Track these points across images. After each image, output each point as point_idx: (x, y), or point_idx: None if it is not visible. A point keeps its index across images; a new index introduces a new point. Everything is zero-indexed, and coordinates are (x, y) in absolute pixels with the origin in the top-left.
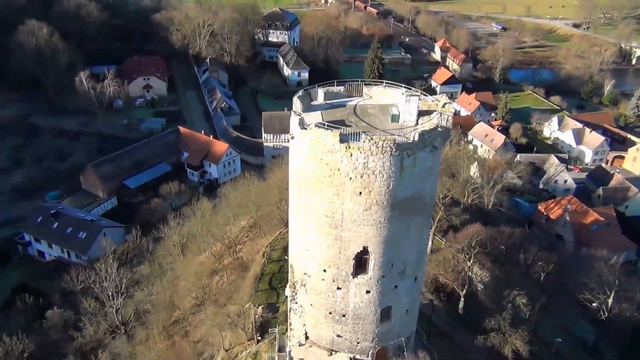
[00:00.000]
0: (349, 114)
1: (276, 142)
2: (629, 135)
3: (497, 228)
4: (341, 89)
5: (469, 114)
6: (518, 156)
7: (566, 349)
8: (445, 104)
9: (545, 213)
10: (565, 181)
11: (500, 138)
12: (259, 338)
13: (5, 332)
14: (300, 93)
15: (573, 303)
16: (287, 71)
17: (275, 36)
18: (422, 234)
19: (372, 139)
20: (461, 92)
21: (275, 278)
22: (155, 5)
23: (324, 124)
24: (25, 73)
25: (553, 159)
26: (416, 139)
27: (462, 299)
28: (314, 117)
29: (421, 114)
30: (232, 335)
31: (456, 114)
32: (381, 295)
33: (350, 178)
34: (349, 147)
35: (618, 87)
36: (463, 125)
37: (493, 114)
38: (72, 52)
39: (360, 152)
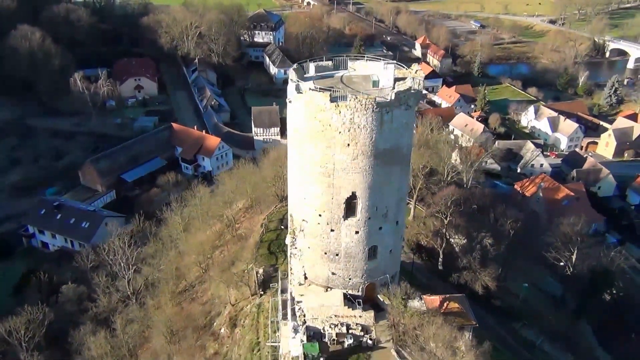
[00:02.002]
0: (336, 82)
1: (266, 135)
2: (601, 123)
3: (470, 190)
4: (329, 63)
5: (449, 105)
6: (496, 143)
7: (534, 301)
8: (416, 70)
9: (520, 191)
10: (541, 165)
11: (479, 127)
12: (262, 293)
13: (27, 303)
14: (295, 66)
15: (541, 262)
16: (273, 70)
17: (260, 37)
18: (401, 182)
19: (356, 98)
20: (442, 86)
21: (273, 244)
22: (142, 10)
23: (317, 88)
24: (18, 76)
25: (529, 144)
26: (393, 98)
27: (441, 257)
28: (308, 85)
29: (397, 80)
30: (237, 293)
31: (437, 106)
32: (368, 235)
33: (340, 132)
34: (338, 105)
35: (592, 79)
36: (444, 116)
37: (472, 106)
38: (64, 55)
39: (347, 110)
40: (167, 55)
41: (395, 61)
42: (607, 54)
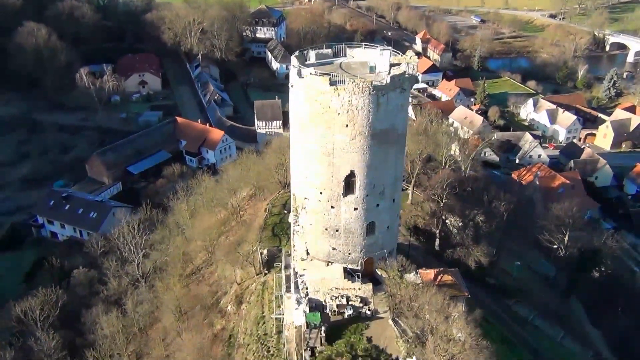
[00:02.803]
0: (335, 68)
1: (268, 128)
2: (599, 115)
3: (465, 174)
4: (329, 50)
5: (449, 99)
6: (495, 134)
7: (528, 281)
8: (411, 56)
9: (517, 179)
10: (539, 156)
11: (478, 119)
12: (266, 272)
13: (41, 286)
14: (296, 53)
15: (535, 245)
16: (275, 65)
17: (262, 32)
18: (397, 162)
19: (354, 81)
20: (442, 80)
21: (277, 227)
22: (145, 6)
23: (317, 73)
24: (25, 72)
25: (527, 136)
26: (388, 81)
27: (437, 238)
28: (309, 70)
29: (393, 65)
30: (243, 273)
31: (437, 99)
32: (366, 212)
33: (339, 114)
34: (337, 89)
35: (592, 72)
36: (444, 109)
37: (472, 99)
38: (70, 51)
39: (346, 93)
40: (170, 52)
41: (390, 47)
42: (607, 48)
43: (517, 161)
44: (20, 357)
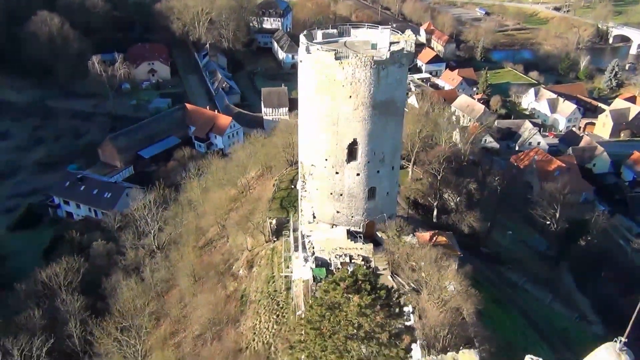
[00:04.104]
0: (340, 46)
1: (275, 115)
2: (599, 104)
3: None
4: (335, 31)
5: (452, 88)
6: (496, 122)
7: (520, 253)
8: (409, 35)
9: (516, 163)
10: (539, 143)
11: (480, 107)
12: (275, 239)
13: (64, 255)
14: (305, 32)
15: (528, 222)
16: (281, 55)
17: (269, 23)
18: (396, 132)
19: (357, 56)
20: (445, 70)
21: (284, 200)
22: None
23: (324, 48)
24: (38, 61)
25: (527, 123)
26: (388, 56)
27: (435, 209)
28: (316, 46)
29: (392, 43)
30: (253, 241)
31: (440, 88)
32: (367, 177)
33: (343, 85)
34: (342, 62)
35: (595, 64)
36: (446, 98)
37: (475, 88)
38: (82, 40)
39: (350, 66)
40: (179, 41)
41: (389, 26)
42: (611, 40)
43: (516, 148)
44: (48, 316)
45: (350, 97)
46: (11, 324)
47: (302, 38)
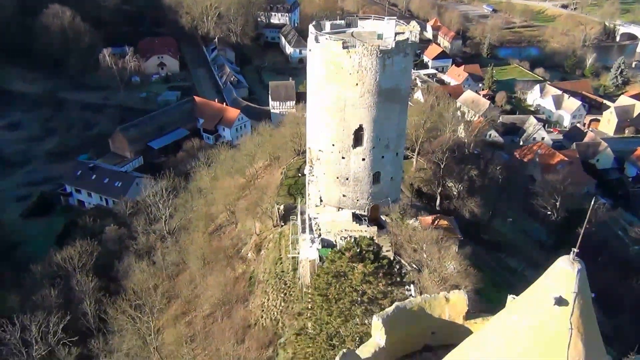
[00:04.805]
0: (348, 36)
1: (282, 108)
2: (604, 101)
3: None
4: (342, 22)
5: (458, 84)
6: (500, 117)
7: (520, 241)
8: (414, 26)
9: (519, 157)
10: (543, 138)
11: (485, 103)
12: (282, 224)
13: (78, 237)
14: (313, 22)
15: (529, 213)
16: (289, 50)
17: (276, 18)
18: (400, 119)
19: (364, 45)
20: (451, 66)
21: (292, 188)
22: None
23: (332, 38)
24: (50, 53)
25: (532, 119)
26: (393, 46)
27: (438, 197)
28: (324, 36)
29: (398, 34)
30: (261, 226)
31: (446, 84)
32: (372, 162)
33: (350, 73)
34: (349, 51)
35: (602, 62)
36: (452, 93)
37: (480, 84)
38: (93, 33)
39: (356, 55)
40: (188, 35)
41: (395, 17)
42: (618, 38)
43: (520, 143)
44: (63, 296)
45: (357, 84)
46: (28, 302)
47: (311, 28)
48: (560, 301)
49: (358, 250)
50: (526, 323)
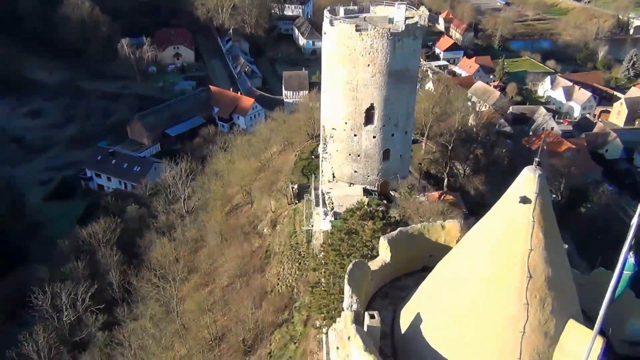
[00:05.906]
0: (361, 20)
1: (295, 98)
2: (615, 93)
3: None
4: (355, 7)
5: (469, 75)
6: (510, 107)
7: None
8: (423, 10)
9: (527, 145)
10: (552, 128)
11: (495, 93)
12: (297, 202)
13: (102, 215)
14: (328, 8)
15: None
16: (302, 41)
17: (290, 10)
18: (409, 99)
19: (375, 28)
20: (462, 57)
21: (305, 168)
22: None
23: (345, 21)
24: (69, 42)
25: (541, 109)
26: (403, 29)
27: (445, 179)
28: (339, 20)
29: (408, 18)
30: (276, 204)
31: (457, 75)
32: (383, 140)
33: (362, 55)
34: (361, 34)
35: (614, 55)
36: (463, 84)
37: (491, 76)
38: (110, 24)
39: (368, 37)
40: (203, 26)
41: (406, 2)
42: (631, 32)
43: (530, 133)
44: (90, 268)
45: (369, 65)
46: (57, 273)
47: (326, 13)
48: (525, 200)
49: (369, 209)
50: (498, 220)
